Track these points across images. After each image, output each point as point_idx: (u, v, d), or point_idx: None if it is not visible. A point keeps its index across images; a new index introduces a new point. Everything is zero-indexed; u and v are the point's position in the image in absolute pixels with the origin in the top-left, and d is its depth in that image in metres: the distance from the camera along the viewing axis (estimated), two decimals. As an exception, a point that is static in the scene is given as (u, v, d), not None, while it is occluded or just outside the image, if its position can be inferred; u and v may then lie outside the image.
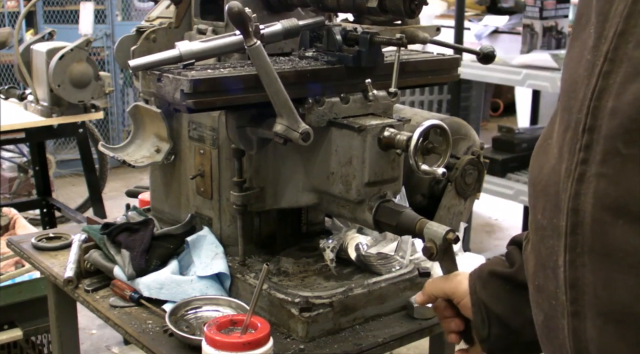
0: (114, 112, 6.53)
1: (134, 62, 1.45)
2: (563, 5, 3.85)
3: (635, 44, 0.78)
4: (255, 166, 1.60)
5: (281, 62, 1.54)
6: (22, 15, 3.75)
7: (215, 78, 1.39)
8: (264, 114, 1.48)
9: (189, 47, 1.44)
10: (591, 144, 0.81)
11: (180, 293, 1.60)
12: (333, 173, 1.49)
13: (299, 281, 1.59)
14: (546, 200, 0.89)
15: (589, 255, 0.82)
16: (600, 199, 0.80)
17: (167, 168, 1.84)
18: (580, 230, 0.82)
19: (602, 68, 0.81)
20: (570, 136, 0.84)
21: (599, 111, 0.81)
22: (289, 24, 1.54)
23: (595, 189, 0.81)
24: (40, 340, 3.04)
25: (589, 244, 0.82)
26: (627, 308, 0.79)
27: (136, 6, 6.65)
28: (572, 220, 0.83)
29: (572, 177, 0.83)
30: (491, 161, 3.75)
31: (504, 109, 8.10)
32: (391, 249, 1.66)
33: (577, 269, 0.83)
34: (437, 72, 1.71)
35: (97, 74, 3.50)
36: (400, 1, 1.40)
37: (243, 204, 1.59)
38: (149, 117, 1.78)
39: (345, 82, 1.52)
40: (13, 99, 3.84)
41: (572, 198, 0.83)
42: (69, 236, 1.97)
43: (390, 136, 1.43)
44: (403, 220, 1.40)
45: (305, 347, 1.47)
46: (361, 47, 1.50)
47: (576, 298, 0.84)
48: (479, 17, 4.62)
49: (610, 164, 0.79)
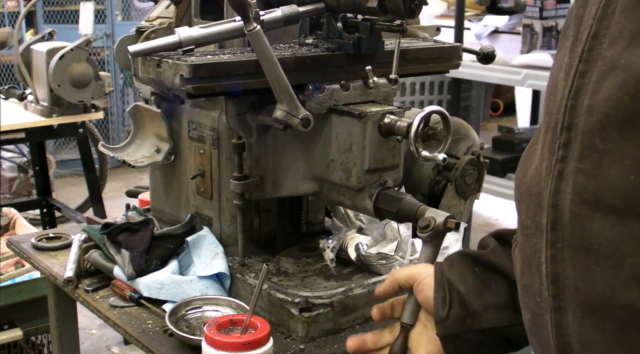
0: (114, 112, 6.53)
1: (133, 48, 1.44)
2: (563, 5, 3.86)
3: (608, 44, 0.81)
4: (254, 154, 1.59)
5: (281, 48, 1.53)
6: (22, 15, 3.75)
7: (215, 63, 1.39)
8: (264, 100, 1.47)
9: (188, 33, 1.42)
10: (569, 141, 0.83)
11: (180, 293, 1.60)
12: (333, 160, 1.49)
13: (299, 281, 1.59)
14: (530, 200, 0.91)
15: (569, 249, 0.83)
16: (578, 194, 0.82)
17: (167, 168, 1.84)
18: (559, 225, 0.84)
19: (577, 68, 0.83)
20: (550, 136, 0.87)
21: (575, 110, 0.83)
22: (289, 10, 1.53)
23: (573, 184, 0.83)
24: (40, 340, 3.04)
25: (569, 238, 0.83)
26: (605, 299, 0.80)
27: (136, 6, 6.65)
28: (552, 216, 0.85)
29: (552, 175, 0.85)
30: (491, 161, 3.75)
31: (504, 109, 8.11)
32: (391, 249, 1.66)
33: (558, 264, 0.85)
34: (438, 60, 1.70)
35: (97, 74, 3.50)
36: (400, 1, 1.40)
37: (242, 192, 1.59)
38: (149, 117, 1.78)
39: (345, 69, 1.51)
40: (13, 99, 3.84)
41: (552, 195, 0.85)
42: (69, 236, 1.97)
43: (390, 123, 1.42)
44: (403, 207, 1.40)
45: (305, 347, 1.47)
46: (361, 34, 1.49)
47: (558, 292, 0.85)
48: (479, 17, 4.62)
49: (587, 160, 0.81)
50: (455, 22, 3.96)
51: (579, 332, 0.84)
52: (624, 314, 0.79)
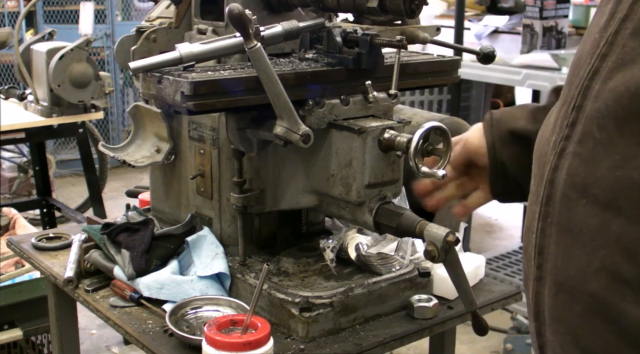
0: (114, 112, 6.54)
1: (134, 64, 1.45)
2: (563, 5, 3.85)
3: (631, 32, 0.80)
4: (255, 167, 1.60)
5: (281, 64, 1.54)
6: (22, 15, 3.75)
7: (216, 80, 1.39)
8: (264, 116, 1.48)
9: (189, 49, 1.44)
10: (575, 122, 0.84)
11: (180, 293, 1.60)
12: (333, 175, 1.49)
13: (299, 281, 1.59)
14: (537, 167, 0.93)
15: (556, 226, 0.86)
16: (571, 176, 0.84)
17: (167, 168, 1.84)
18: (552, 202, 0.86)
19: (601, 50, 0.83)
20: (564, 110, 0.88)
21: (588, 91, 0.83)
22: (289, 26, 1.54)
23: (569, 166, 0.84)
24: (40, 340, 3.04)
25: (557, 216, 0.86)
26: (576, 282, 0.83)
27: (136, 6, 6.66)
28: (547, 191, 0.87)
29: (555, 151, 0.87)
30: (491, 161, 3.74)
31: (504, 109, 8.10)
32: (391, 249, 1.66)
33: (545, 237, 0.88)
34: (437, 74, 1.71)
35: (97, 74, 3.50)
36: (401, 1, 1.40)
37: (243, 205, 1.60)
38: (149, 117, 1.78)
39: (345, 84, 1.52)
40: (13, 99, 3.84)
41: (552, 170, 0.87)
42: (69, 236, 1.97)
43: (390, 138, 1.43)
44: (403, 222, 1.40)
45: (305, 347, 1.47)
46: (361, 49, 1.50)
47: (540, 264, 0.88)
48: (479, 17, 4.61)
49: (584, 145, 0.83)
50: (455, 22, 3.96)
51: (551, 305, 0.87)
52: (590, 301, 0.82)
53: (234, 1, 1.58)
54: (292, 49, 1.68)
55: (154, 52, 1.72)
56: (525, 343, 3.55)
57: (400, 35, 1.47)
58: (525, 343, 3.55)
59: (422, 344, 2.36)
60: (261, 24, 1.43)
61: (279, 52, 1.66)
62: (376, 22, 1.61)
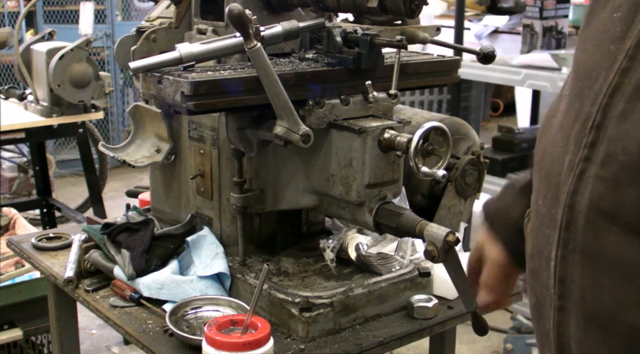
0: (114, 112, 6.54)
1: (134, 64, 1.45)
2: (563, 5, 3.85)
3: None
4: (255, 167, 1.60)
5: (281, 64, 1.54)
6: (22, 15, 3.75)
7: (216, 80, 1.39)
8: (264, 116, 1.48)
9: (189, 49, 1.44)
10: (596, 142, 0.79)
11: (180, 293, 1.60)
12: (333, 175, 1.49)
13: (299, 281, 1.59)
14: (548, 189, 0.88)
15: (580, 255, 0.81)
16: (595, 202, 0.79)
17: (167, 168, 1.84)
18: (573, 228, 0.81)
19: (621, 64, 0.78)
20: (578, 128, 0.82)
21: (609, 110, 0.78)
22: (289, 26, 1.54)
23: (592, 190, 0.79)
24: (40, 340, 3.04)
25: (580, 244, 0.81)
26: (612, 315, 0.78)
27: (136, 6, 6.65)
28: (567, 216, 0.82)
29: (573, 173, 0.81)
30: (491, 161, 3.75)
31: (504, 109, 8.11)
32: (391, 249, 1.66)
33: (567, 266, 0.83)
34: (437, 74, 1.71)
35: (97, 74, 3.50)
36: (401, 1, 1.41)
37: (243, 205, 1.59)
38: (149, 117, 1.78)
39: (345, 84, 1.52)
40: (13, 99, 3.84)
41: (571, 194, 0.81)
42: (69, 236, 1.97)
43: (390, 138, 1.43)
44: (403, 222, 1.40)
45: (305, 347, 1.47)
46: (361, 49, 1.50)
47: (563, 293, 0.83)
48: (479, 17, 4.61)
49: (608, 168, 0.77)
50: (455, 22, 3.95)
51: (581, 339, 0.82)
52: (629, 334, 0.77)
53: (234, 1, 1.58)
54: (292, 49, 1.68)
55: (154, 52, 1.72)
56: (525, 343, 3.55)
57: (400, 35, 1.48)
58: (525, 343, 3.55)
59: (422, 344, 2.36)
60: (261, 24, 1.43)
61: (279, 52, 1.66)
62: (376, 22, 1.61)
